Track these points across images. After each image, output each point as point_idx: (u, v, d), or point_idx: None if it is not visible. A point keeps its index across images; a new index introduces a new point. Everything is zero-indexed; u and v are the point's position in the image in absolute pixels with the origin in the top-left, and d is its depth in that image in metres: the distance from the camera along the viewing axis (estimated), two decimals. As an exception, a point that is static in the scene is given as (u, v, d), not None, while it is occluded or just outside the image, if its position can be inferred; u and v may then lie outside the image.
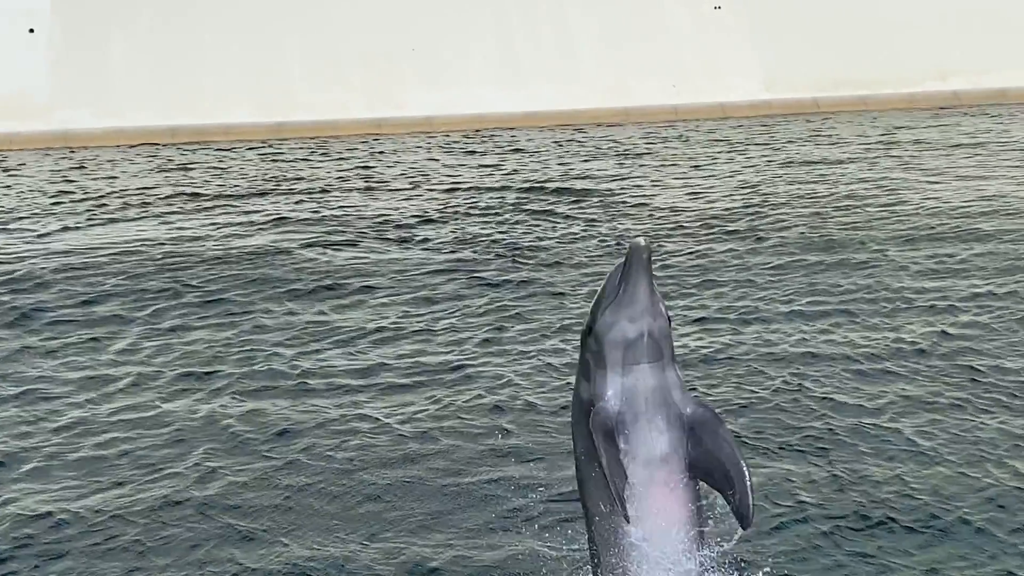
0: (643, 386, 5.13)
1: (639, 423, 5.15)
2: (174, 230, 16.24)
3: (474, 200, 17.91)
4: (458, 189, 18.86)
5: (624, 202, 17.43)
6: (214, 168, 21.44)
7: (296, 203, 17.99)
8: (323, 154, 22.80)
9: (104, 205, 18.26)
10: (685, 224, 15.89)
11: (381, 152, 22.94)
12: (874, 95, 26.02)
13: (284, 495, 7.93)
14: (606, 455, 5.04)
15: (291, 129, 25.05)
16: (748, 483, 5.17)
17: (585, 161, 21.17)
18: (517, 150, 22.51)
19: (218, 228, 16.33)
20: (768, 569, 6.62)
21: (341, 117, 25.27)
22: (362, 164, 21.57)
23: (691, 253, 14.31)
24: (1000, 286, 12.44)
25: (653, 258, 5.16)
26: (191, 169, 21.38)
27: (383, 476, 8.14)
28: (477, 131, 25.00)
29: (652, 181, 19.09)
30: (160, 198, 18.66)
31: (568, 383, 8.34)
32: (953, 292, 12.25)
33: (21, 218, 17.36)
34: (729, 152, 21.29)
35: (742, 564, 6.67)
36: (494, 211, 17.07)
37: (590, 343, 5.23)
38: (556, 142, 23.31)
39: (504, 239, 15.30)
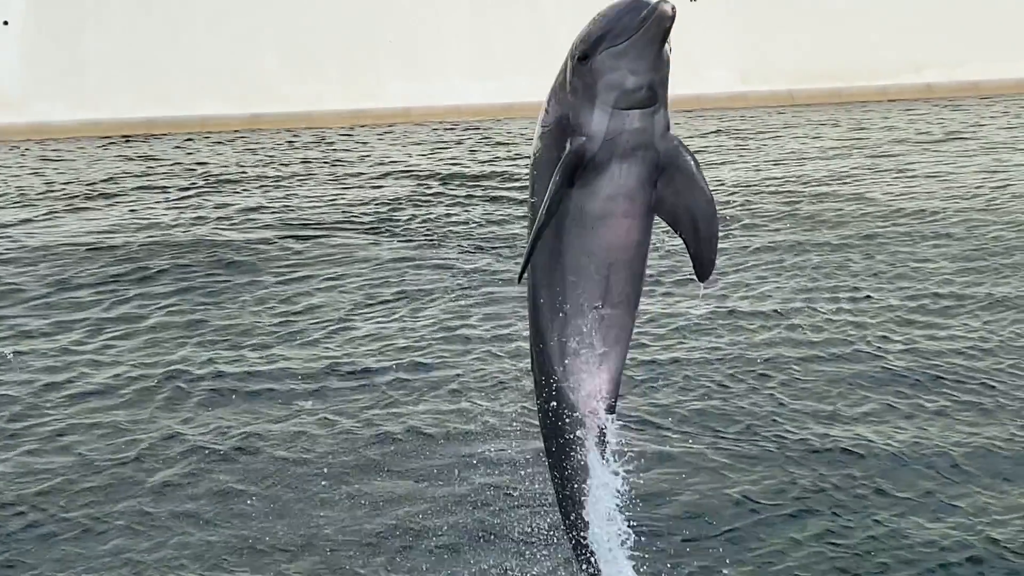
0: (629, 129, 4.73)
1: (612, 161, 4.78)
2: (144, 221, 16.09)
3: (446, 190, 17.81)
4: (430, 179, 18.75)
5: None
6: (187, 159, 21.26)
7: (268, 194, 17.85)
8: (298, 145, 22.64)
9: (74, 196, 18.08)
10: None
11: (356, 142, 22.79)
12: (848, 87, 26.00)
13: (251, 487, 7.84)
14: (552, 195, 4.71)
15: (267, 120, 24.86)
16: (716, 228, 4.88)
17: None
18: (497, 143, 22.40)
19: (189, 219, 16.19)
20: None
21: (317, 108, 25.09)
22: (336, 155, 21.43)
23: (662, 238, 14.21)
24: (969, 284, 12.44)
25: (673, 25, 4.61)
26: (164, 160, 21.19)
27: (344, 463, 8.10)
28: (455, 124, 24.87)
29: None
30: (131, 189, 18.48)
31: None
32: (921, 285, 12.24)
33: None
34: (704, 143, 21.25)
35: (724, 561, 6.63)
36: (466, 201, 16.98)
37: (583, 71, 4.74)
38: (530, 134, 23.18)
39: (474, 229, 15.22)
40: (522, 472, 7.49)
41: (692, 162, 4.85)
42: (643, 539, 6.76)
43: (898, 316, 11.21)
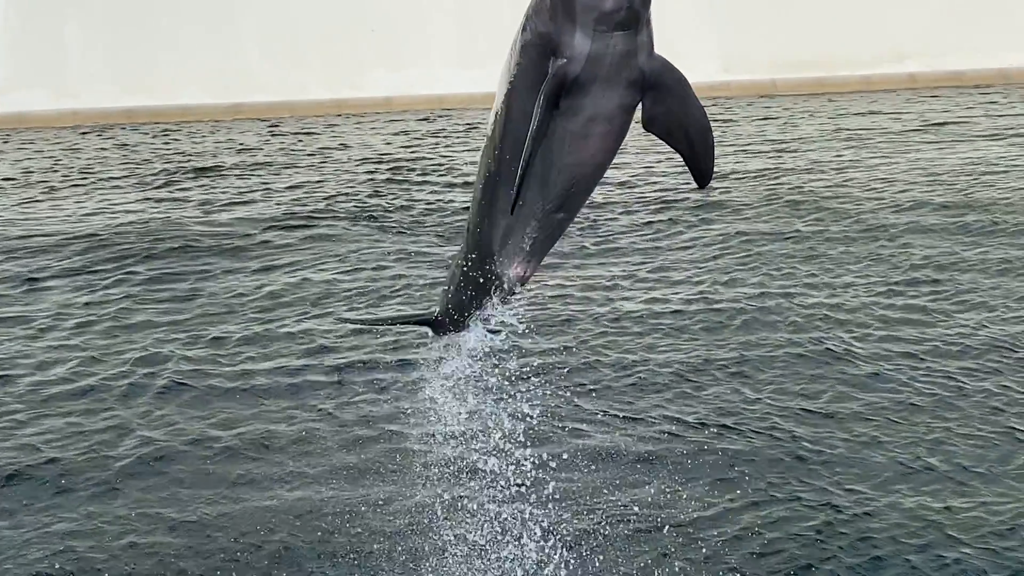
0: (611, 52, 4.62)
1: (595, 84, 4.70)
2: (123, 210, 15.93)
3: (426, 179, 17.67)
4: (410, 168, 18.60)
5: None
6: (167, 148, 21.06)
7: (249, 183, 17.68)
8: (280, 134, 22.45)
9: (54, 185, 17.91)
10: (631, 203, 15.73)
11: (339, 132, 22.61)
12: (831, 77, 25.86)
13: (231, 476, 7.72)
14: (538, 125, 4.66)
15: (249, 110, 24.66)
16: (711, 139, 4.89)
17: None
18: (475, 129, 22.25)
19: (166, 209, 16.03)
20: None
21: (300, 98, 24.89)
22: (317, 144, 21.24)
23: (639, 226, 14.14)
24: (948, 272, 12.37)
25: None
26: (144, 150, 20.99)
27: (324, 455, 7.97)
28: (441, 113, 24.68)
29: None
30: (112, 178, 18.31)
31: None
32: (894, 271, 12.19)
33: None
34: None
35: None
36: (446, 190, 16.84)
37: None
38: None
39: (451, 217, 15.11)
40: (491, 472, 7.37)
41: (680, 79, 4.76)
42: (593, 532, 6.69)
43: (875, 304, 11.13)
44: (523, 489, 6.75)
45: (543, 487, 6.81)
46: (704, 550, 6.80)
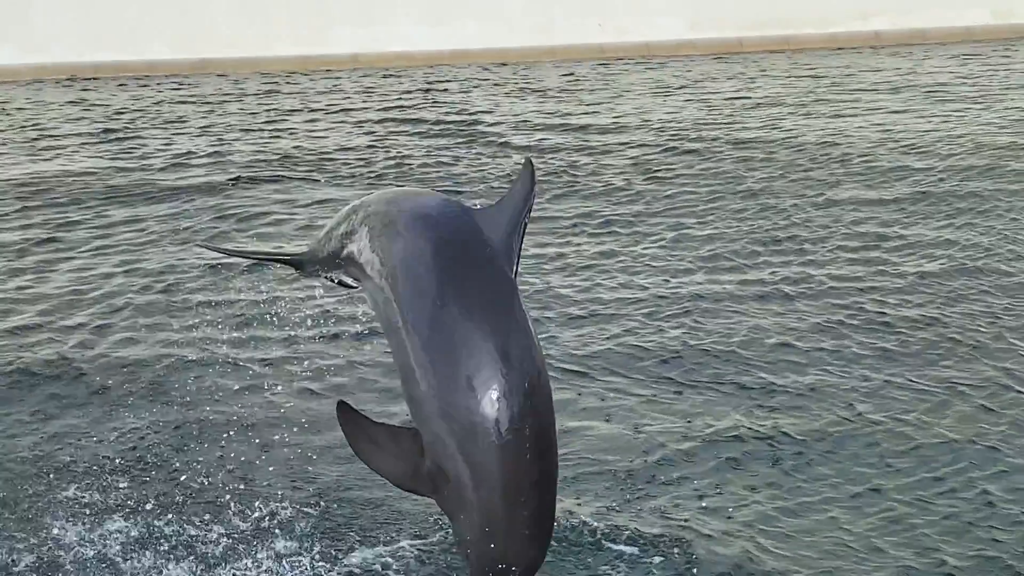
0: None
1: None
2: (90, 163, 15.75)
3: (396, 136, 17.51)
4: (379, 124, 18.43)
5: (551, 144, 17.09)
6: (132, 103, 20.78)
7: (214, 139, 17.47)
8: (245, 90, 22.18)
9: (17, 139, 17.69)
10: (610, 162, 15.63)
11: (306, 88, 22.36)
12: (797, 35, 25.72)
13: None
14: None
15: (215, 65, 24.34)
16: None
17: (508, 97, 20.73)
18: (445, 89, 22.02)
19: (134, 162, 15.84)
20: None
21: (266, 54, 24.59)
22: (281, 100, 21.01)
23: (617, 191, 14.08)
24: (902, 226, 12.38)
25: None
26: (110, 105, 20.71)
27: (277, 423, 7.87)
28: (411, 70, 24.43)
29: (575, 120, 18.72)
30: (75, 133, 18.06)
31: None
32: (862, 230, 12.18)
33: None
34: (653, 87, 21.02)
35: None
36: (414, 147, 16.71)
37: None
38: (480, 80, 22.84)
39: (418, 171, 15.00)
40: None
41: None
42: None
43: (822, 257, 11.13)
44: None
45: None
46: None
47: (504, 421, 4.52)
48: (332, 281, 5.62)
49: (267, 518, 6.49)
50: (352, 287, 5.54)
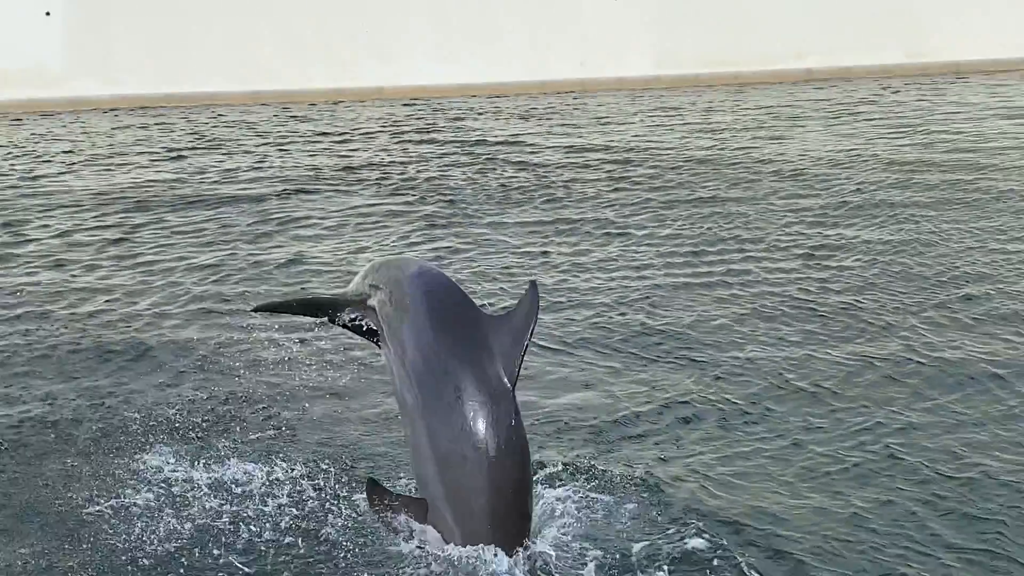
0: None
1: None
2: (155, 177, 15.73)
3: (412, 154, 17.48)
4: (398, 144, 18.39)
5: (544, 164, 17.05)
6: (196, 129, 20.74)
7: (260, 157, 17.45)
8: (287, 116, 22.13)
9: (96, 157, 17.65)
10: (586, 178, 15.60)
11: (338, 115, 22.32)
12: (743, 71, 25.71)
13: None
14: None
15: (264, 96, 24.30)
16: None
17: (506, 123, 20.66)
18: (454, 117, 21.97)
19: (193, 176, 15.81)
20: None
21: (305, 87, 24.59)
22: (324, 126, 20.96)
23: (592, 199, 14.04)
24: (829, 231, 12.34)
25: None
26: (173, 130, 20.65)
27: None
28: (426, 100, 24.34)
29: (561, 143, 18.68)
30: (144, 152, 18.03)
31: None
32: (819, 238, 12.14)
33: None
34: (626, 118, 20.95)
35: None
36: (427, 162, 16.68)
37: None
38: (483, 109, 22.81)
39: (437, 191, 14.97)
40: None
41: None
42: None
43: (759, 254, 11.11)
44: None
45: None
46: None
47: (497, 508, 4.99)
48: (360, 332, 5.62)
49: (303, 468, 6.51)
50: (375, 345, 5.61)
